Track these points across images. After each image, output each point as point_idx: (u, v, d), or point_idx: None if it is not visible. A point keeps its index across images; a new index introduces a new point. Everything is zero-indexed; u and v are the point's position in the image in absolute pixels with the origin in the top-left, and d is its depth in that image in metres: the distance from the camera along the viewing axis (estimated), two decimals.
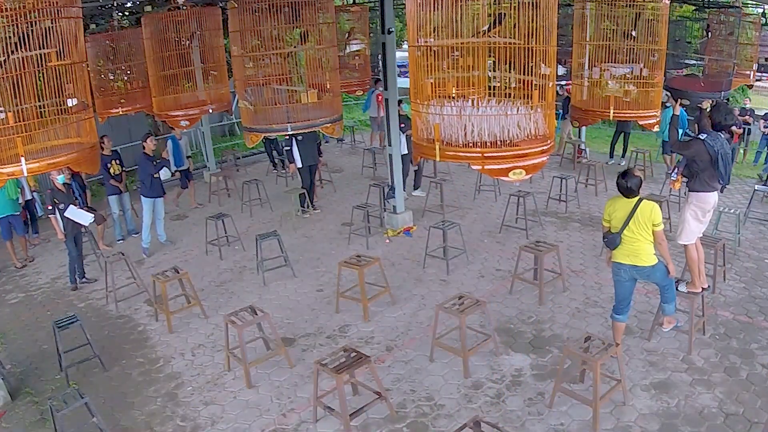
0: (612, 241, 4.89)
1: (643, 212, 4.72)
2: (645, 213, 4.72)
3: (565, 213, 9.18)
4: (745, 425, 4.47)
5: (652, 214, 4.72)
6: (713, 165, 5.08)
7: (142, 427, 4.96)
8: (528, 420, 4.68)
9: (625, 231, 4.80)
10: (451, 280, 7.13)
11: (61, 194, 7.33)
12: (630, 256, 4.86)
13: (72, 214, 7.27)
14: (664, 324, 5.34)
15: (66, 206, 7.28)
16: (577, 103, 6.20)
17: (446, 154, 3.96)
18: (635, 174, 4.80)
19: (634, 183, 4.74)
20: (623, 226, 4.80)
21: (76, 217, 7.30)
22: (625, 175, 4.78)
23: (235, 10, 5.60)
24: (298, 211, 9.52)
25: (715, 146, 5.05)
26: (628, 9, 5.64)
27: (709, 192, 5.23)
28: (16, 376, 5.78)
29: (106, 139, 9.04)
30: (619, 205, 4.84)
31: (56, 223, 7.33)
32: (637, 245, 4.80)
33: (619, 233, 4.82)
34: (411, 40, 4.03)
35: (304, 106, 5.76)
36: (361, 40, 10.62)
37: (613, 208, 4.88)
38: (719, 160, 5.06)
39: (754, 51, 8.83)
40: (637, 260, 4.84)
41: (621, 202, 4.84)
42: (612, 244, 4.90)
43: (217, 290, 7.31)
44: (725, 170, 5.13)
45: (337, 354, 4.74)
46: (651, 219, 4.72)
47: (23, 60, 3.79)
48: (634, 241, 4.79)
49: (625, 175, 4.78)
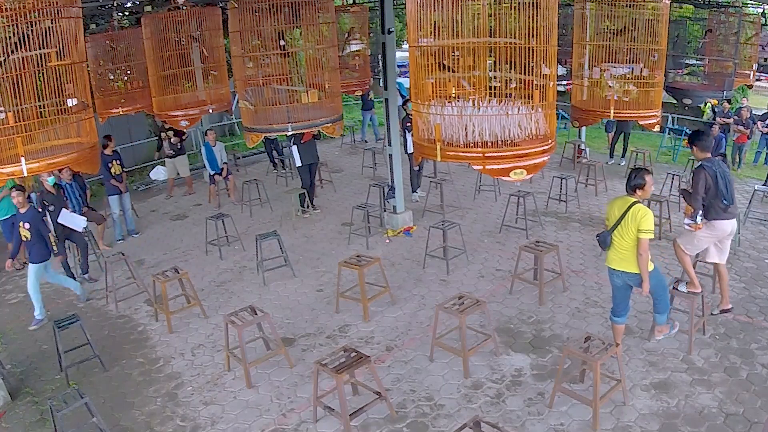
0: (603, 239, 4.83)
1: (633, 214, 4.59)
2: (634, 215, 4.58)
3: (565, 213, 9.18)
4: (745, 425, 4.48)
5: (640, 219, 4.55)
6: (716, 186, 5.14)
7: (142, 427, 4.96)
8: (528, 420, 4.68)
9: (615, 232, 4.71)
10: (451, 280, 7.13)
11: (50, 196, 7.31)
12: (621, 262, 4.77)
13: (65, 219, 7.24)
14: (655, 333, 5.24)
15: (57, 208, 7.25)
16: (577, 103, 6.21)
17: (447, 154, 3.97)
18: (647, 173, 4.69)
19: (636, 181, 4.66)
20: (614, 226, 4.72)
21: (68, 222, 7.28)
22: (637, 171, 4.71)
23: (235, 10, 5.60)
24: (298, 211, 9.52)
25: (714, 167, 5.18)
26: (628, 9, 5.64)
27: (725, 220, 5.28)
28: (16, 376, 5.78)
29: (109, 139, 9.07)
30: (618, 204, 4.76)
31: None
32: (625, 250, 4.70)
33: (610, 232, 4.75)
34: (411, 40, 4.03)
35: (304, 106, 5.77)
36: (361, 40, 10.63)
37: (612, 206, 4.82)
38: (718, 179, 5.14)
39: (754, 51, 8.84)
40: (627, 266, 4.74)
41: (621, 201, 4.76)
42: (603, 244, 4.84)
43: (217, 290, 7.31)
44: (726, 189, 5.17)
45: (337, 354, 4.74)
46: (637, 223, 4.56)
47: (23, 60, 3.79)
48: (622, 244, 4.69)
49: (636, 171, 4.72)
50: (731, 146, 11.73)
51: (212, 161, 10.28)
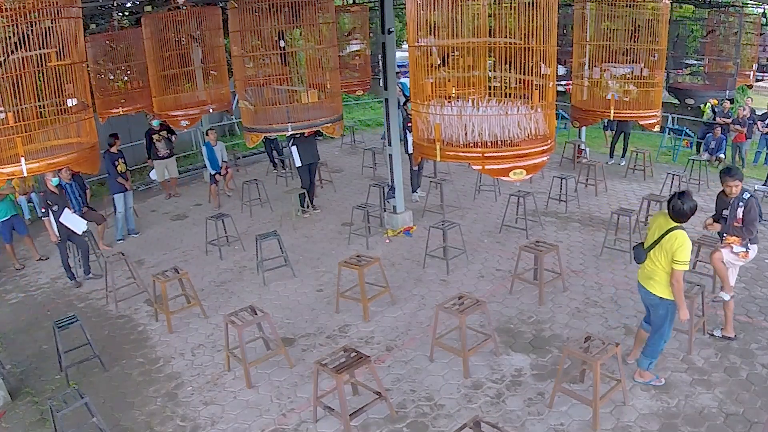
0: (637, 254, 4.72)
1: (669, 241, 4.40)
2: (670, 242, 4.40)
3: (565, 213, 9.18)
4: (745, 425, 4.47)
5: (676, 248, 4.36)
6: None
7: (142, 427, 4.96)
8: (528, 420, 4.68)
9: (651, 252, 4.58)
10: (451, 280, 7.13)
11: (54, 196, 7.32)
12: (647, 279, 4.67)
13: (66, 219, 7.28)
14: (635, 375, 4.99)
15: (60, 208, 7.28)
16: (577, 103, 6.21)
17: (447, 154, 3.97)
18: (691, 198, 4.40)
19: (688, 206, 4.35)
20: (651, 246, 4.56)
21: (70, 224, 7.32)
22: (682, 196, 4.39)
23: (235, 10, 5.61)
24: (298, 211, 9.52)
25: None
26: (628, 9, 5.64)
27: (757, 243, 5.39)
28: (16, 376, 5.78)
29: (115, 137, 9.07)
30: (659, 223, 4.58)
31: (49, 225, 7.32)
32: (654, 272, 4.58)
33: (646, 250, 4.62)
34: (411, 40, 4.03)
35: (304, 106, 5.77)
36: (361, 40, 10.63)
37: (654, 223, 4.66)
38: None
39: (754, 51, 8.85)
40: (651, 286, 4.63)
41: (663, 219, 4.56)
42: (637, 258, 4.74)
43: (217, 290, 7.31)
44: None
45: (337, 354, 4.74)
46: (672, 251, 4.38)
47: (23, 60, 3.79)
48: (653, 264, 4.57)
49: (681, 196, 4.40)
50: (730, 146, 11.73)
51: (213, 161, 10.29)
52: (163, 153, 10.60)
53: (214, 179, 10.40)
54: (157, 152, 10.56)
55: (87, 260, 7.75)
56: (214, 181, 10.42)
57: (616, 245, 7.60)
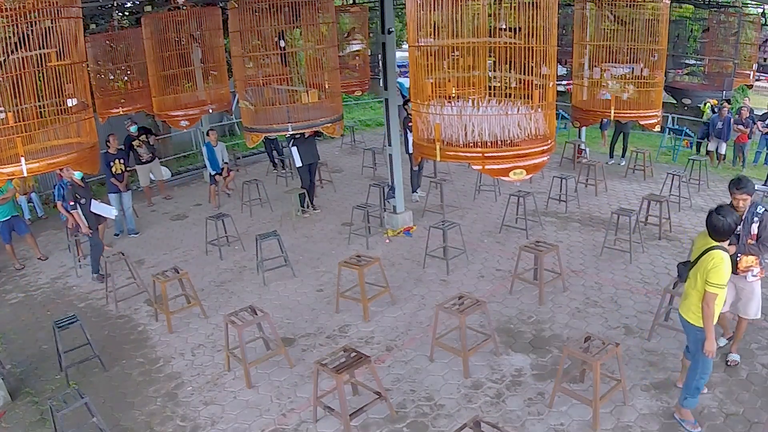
0: (681, 273, 4.46)
1: (705, 261, 4.06)
2: (706, 263, 4.05)
3: (565, 213, 9.18)
4: (745, 425, 4.47)
5: (710, 269, 4.00)
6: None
7: (142, 427, 4.96)
8: (528, 420, 4.68)
9: (690, 272, 4.27)
10: (451, 280, 7.13)
11: (81, 189, 7.52)
12: (682, 303, 4.37)
13: (97, 208, 7.61)
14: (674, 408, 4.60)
15: (87, 201, 7.52)
16: (577, 103, 6.21)
17: (447, 154, 3.97)
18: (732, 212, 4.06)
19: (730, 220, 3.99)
20: (692, 264, 4.24)
21: (100, 211, 7.66)
22: (720, 210, 4.06)
23: (235, 10, 5.60)
24: (298, 211, 9.52)
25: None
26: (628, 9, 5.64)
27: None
28: (16, 376, 5.78)
29: (112, 138, 9.09)
30: (700, 241, 4.27)
31: (79, 218, 7.47)
32: (688, 292, 4.28)
33: (688, 269, 4.30)
34: (411, 40, 4.03)
35: (304, 106, 5.77)
36: (361, 40, 10.63)
37: (697, 243, 4.36)
38: None
39: (754, 51, 8.85)
40: (683, 309, 4.34)
41: (703, 239, 4.24)
42: (680, 276, 4.49)
43: (217, 290, 7.31)
44: None
45: (337, 354, 4.74)
46: (707, 271, 4.02)
47: (23, 60, 3.79)
48: (689, 286, 4.27)
49: (719, 210, 4.07)
50: (731, 147, 11.72)
51: (213, 161, 10.28)
52: (146, 158, 10.48)
53: (213, 180, 10.40)
54: (139, 158, 10.42)
55: (97, 260, 7.76)
56: (213, 182, 10.42)
57: (616, 245, 7.60)
